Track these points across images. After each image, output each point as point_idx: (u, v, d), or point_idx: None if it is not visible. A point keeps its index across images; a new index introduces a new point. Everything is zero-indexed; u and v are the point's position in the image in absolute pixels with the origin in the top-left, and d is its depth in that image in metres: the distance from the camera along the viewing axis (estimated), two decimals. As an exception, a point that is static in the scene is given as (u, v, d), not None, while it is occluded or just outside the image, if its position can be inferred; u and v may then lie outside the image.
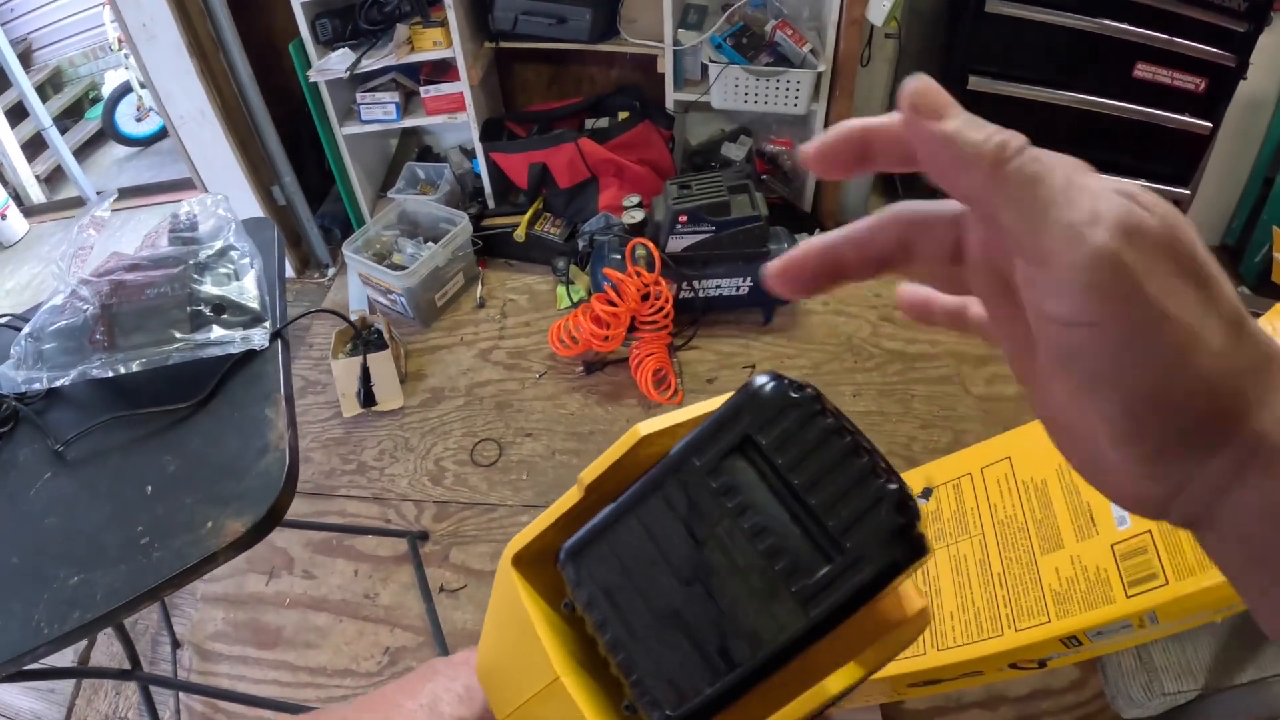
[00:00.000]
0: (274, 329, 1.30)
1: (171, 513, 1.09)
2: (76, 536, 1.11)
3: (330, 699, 1.99)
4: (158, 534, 1.07)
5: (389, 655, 2.07)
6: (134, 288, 1.27)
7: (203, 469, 1.14)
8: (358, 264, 2.85)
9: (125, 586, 1.02)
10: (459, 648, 2.01)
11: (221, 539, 1.02)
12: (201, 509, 1.08)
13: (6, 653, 1.01)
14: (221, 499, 1.08)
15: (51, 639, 1.01)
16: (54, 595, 1.05)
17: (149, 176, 4.58)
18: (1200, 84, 2.49)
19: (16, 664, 1.02)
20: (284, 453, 1.10)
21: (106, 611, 1.01)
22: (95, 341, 1.25)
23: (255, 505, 1.05)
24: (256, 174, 3.00)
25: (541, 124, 3.14)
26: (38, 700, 2.12)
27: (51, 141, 4.37)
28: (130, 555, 1.06)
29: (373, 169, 3.36)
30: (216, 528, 1.04)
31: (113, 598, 1.02)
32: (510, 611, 0.58)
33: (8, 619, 1.04)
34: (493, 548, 2.25)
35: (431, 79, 2.97)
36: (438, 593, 2.16)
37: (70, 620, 1.01)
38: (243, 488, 1.08)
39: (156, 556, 1.04)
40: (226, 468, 1.12)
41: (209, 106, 2.78)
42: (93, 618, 1.01)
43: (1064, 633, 1.17)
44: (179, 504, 1.09)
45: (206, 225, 1.39)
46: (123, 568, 1.04)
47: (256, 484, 1.08)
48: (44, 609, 1.03)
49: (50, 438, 1.25)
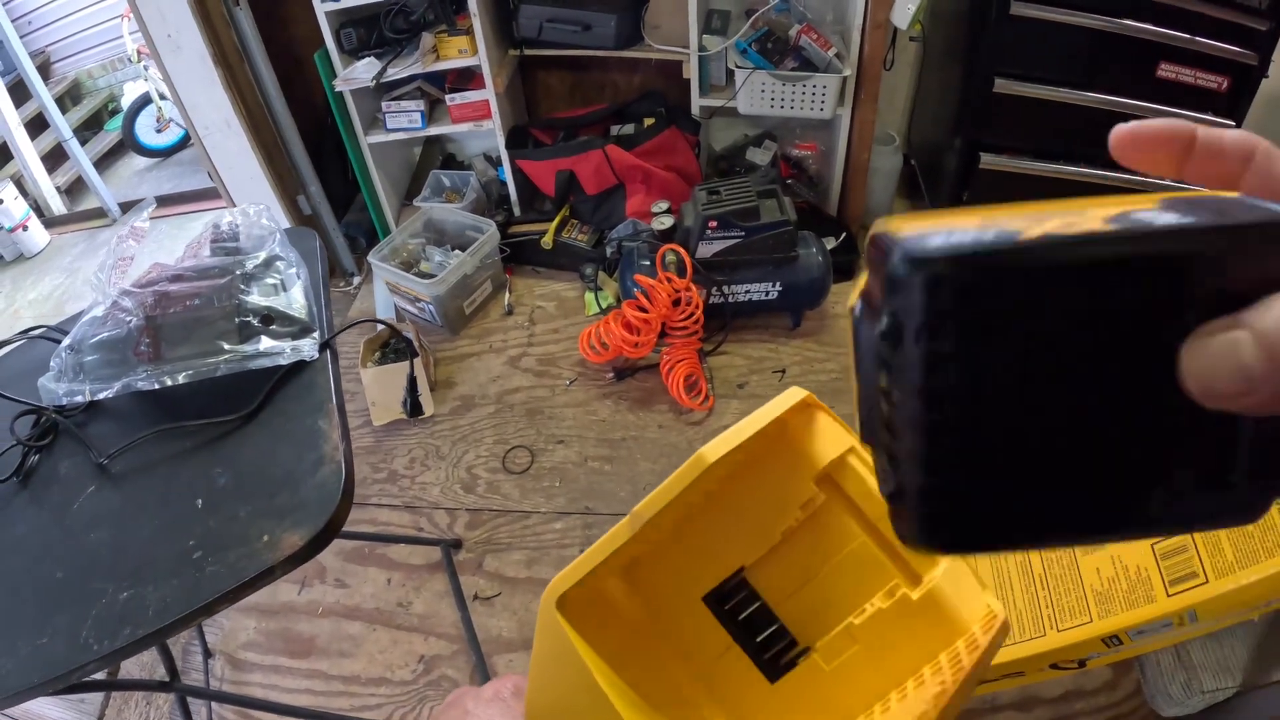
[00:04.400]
0: (322, 339, 1.29)
1: (224, 526, 1.07)
2: (124, 551, 1.10)
3: (364, 707, 1.98)
4: (210, 547, 1.05)
5: (424, 664, 2.05)
6: (179, 299, 1.26)
7: (255, 481, 1.12)
8: (385, 272, 2.84)
9: (179, 601, 1.01)
10: (494, 656, 2.03)
11: (279, 552, 1.00)
12: (256, 522, 1.06)
13: (54, 669, 1.00)
14: (276, 512, 1.06)
15: (101, 655, 1.00)
16: (103, 610, 1.03)
17: (170, 187, 4.59)
18: (1223, 83, 2.48)
19: (64, 680, 1.01)
20: (340, 464, 1.08)
21: (160, 627, 0.99)
22: (140, 353, 1.24)
23: (313, 518, 1.03)
24: (282, 183, 3.00)
25: (567, 131, 3.13)
26: (67, 710, 2.11)
27: (72, 153, 4.39)
28: (182, 569, 1.04)
29: (397, 177, 3.36)
30: (273, 541, 1.02)
31: (166, 613, 1.00)
32: (562, 659, 0.56)
33: (53, 635, 1.03)
34: (526, 555, 2.24)
35: (457, 87, 2.97)
36: (472, 600, 2.15)
37: (121, 636, 1.00)
38: (298, 500, 1.06)
39: (210, 570, 1.02)
40: (280, 480, 1.10)
41: (234, 117, 2.77)
42: (145, 633, 0.99)
43: (1106, 632, 1.17)
44: (232, 517, 1.08)
45: (249, 235, 1.37)
46: (175, 582, 1.03)
47: (313, 496, 1.06)
48: (93, 624, 1.02)
49: (93, 451, 1.23)
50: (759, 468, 0.63)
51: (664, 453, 2.46)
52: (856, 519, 0.62)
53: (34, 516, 1.19)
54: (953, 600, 0.60)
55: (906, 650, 0.61)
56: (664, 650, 0.65)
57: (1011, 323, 0.25)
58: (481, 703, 0.69)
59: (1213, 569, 1.09)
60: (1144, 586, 1.16)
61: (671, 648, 0.65)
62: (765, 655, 0.64)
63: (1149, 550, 1.18)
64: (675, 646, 0.65)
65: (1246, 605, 1.07)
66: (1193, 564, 1.11)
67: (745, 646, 0.64)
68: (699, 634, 0.65)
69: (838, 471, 0.62)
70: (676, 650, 0.65)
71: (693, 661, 0.65)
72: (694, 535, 0.61)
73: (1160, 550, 1.17)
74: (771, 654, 0.65)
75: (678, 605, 0.65)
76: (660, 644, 0.65)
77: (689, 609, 0.65)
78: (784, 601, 0.65)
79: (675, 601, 0.65)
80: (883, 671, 0.61)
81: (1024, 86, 2.61)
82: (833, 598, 0.63)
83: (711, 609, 0.65)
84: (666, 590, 0.65)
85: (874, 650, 0.61)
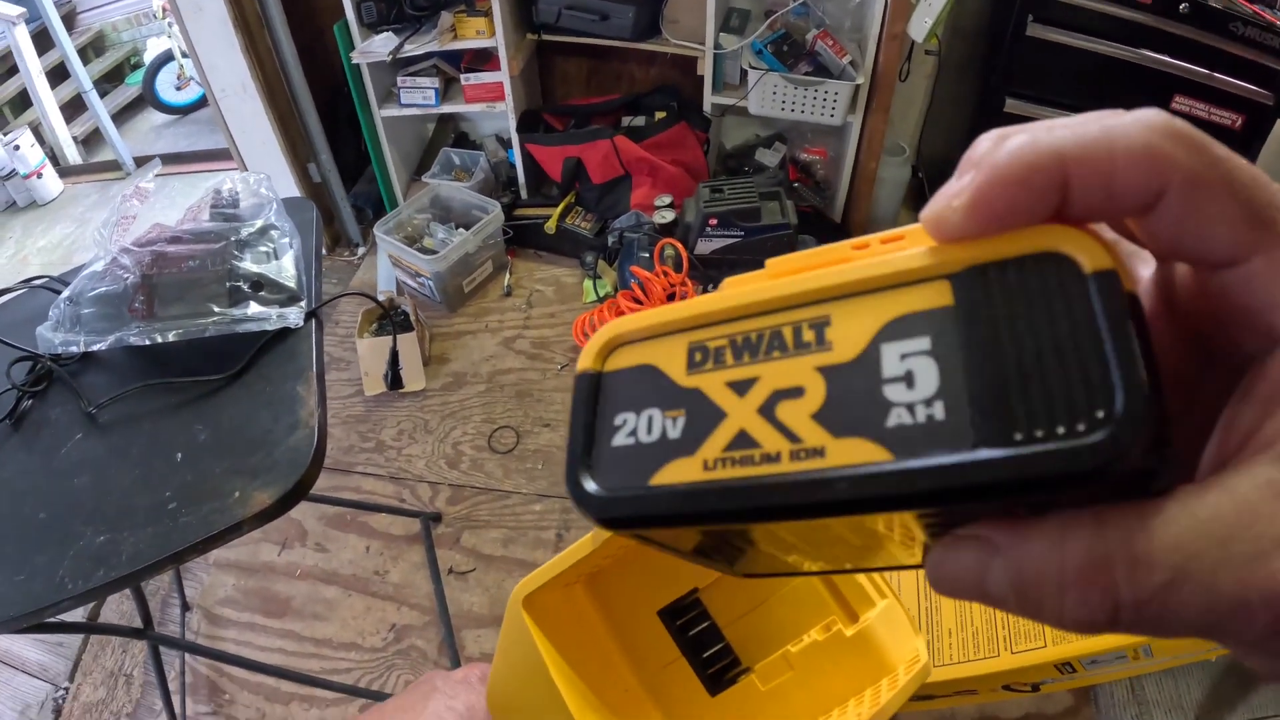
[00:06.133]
0: (309, 308, 1.33)
1: (200, 480, 1.12)
2: (105, 497, 1.15)
3: (334, 670, 2.02)
4: (185, 500, 1.10)
5: (394, 632, 2.09)
6: (175, 260, 1.30)
7: (233, 440, 1.16)
8: (389, 245, 2.88)
9: (151, 548, 1.05)
10: (463, 630, 2.07)
11: (247, 509, 1.05)
12: (230, 479, 1.11)
13: (30, 604, 1.04)
14: (250, 470, 1.11)
15: (75, 594, 1.04)
16: (80, 552, 1.08)
17: (185, 145, 4.62)
18: (1237, 120, 2.48)
19: (39, 616, 1.05)
20: (313, 430, 1.12)
21: (131, 572, 1.04)
22: (134, 310, 1.28)
23: (283, 478, 1.08)
24: (294, 150, 3.03)
25: (579, 118, 3.16)
26: (45, 653, 2.16)
27: (91, 104, 4.41)
28: (158, 519, 1.08)
29: (408, 152, 3.39)
30: (243, 498, 1.07)
31: (137, 559, 1.05)
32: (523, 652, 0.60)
33: (32, 573, 1.07)
34: (504, 534, 2.27)
35: (472, 67, 2.99)
36: (447, 574, 2.19)
37: (95, 578, 1.04)
38: (271, 461, 1.11)
39: (183, 521, 1.06)
40: (256, 440, 1.15)
41: (251, 81, 2.80)
42: (117, 576, 1.04)
43: (1059, 658, 1.18)
44: (208, 472, 1.12)
45: (248, 203, 1.41)
46: (149, 530, 1.07)
47: (285, 458, 1.11)
48: (69, 565, 1.06)
49: (84, 400, 1.28)
50: None
51: (648, 444, 2.47)
52: None
53: (23, 459, 1.23)
54: (884, 640, 0.67)
55: (836, 681, 0.67)
56: (616, 655, 0.70)
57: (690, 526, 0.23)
58: (451, 682, 0.74)
59: (1170, 606, 1.09)
60: (1100, 617, 1.17)
61: (624, 654, 0.70)
62: (709, 670, 0.70)
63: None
64: (628, 653, 0.70)
65: (1202, 646, 1.08)
66: (1150, 599, 1.12)
67: (691, 660, 0.70)
68: (651, 644, 0.70)
69: None
70: (628, 656, 0.70)
71: (642, 668, 0.70)
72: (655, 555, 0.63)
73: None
74: (715, 670, 0.70)
75: (634, 616, 0.70)
76: (614, 649, 0.70)
77: (644, 620, 0.70)
78: (731, 623, 0.70)
79: (632, 612, 0.70)
80: (813, 698, 0.67)
81: (1036, 109, 2.62)
82: (775, 625, 0.69)
83: (665, 623, 0.70)
84: (625, 601, 0.70)
85: (807, 677, 0.67)
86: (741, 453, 0.21)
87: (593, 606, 0.70)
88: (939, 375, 0.20)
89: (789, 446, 0.21)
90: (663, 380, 0.23)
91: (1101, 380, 0.18)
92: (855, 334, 0.21)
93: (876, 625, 0.67)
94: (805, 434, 0.21)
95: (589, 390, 0.25)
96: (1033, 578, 0.20)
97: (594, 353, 0.25)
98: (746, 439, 0.21)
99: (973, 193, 0.21)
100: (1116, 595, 0.19)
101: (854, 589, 0.69)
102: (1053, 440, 0.18)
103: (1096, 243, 0.20)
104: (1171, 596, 0.19)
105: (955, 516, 0.21)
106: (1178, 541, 0.19)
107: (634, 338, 0.25)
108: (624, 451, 0.23)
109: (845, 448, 0.20)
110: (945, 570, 0.22)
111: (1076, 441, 0.18)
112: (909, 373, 0.20)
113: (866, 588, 0.69)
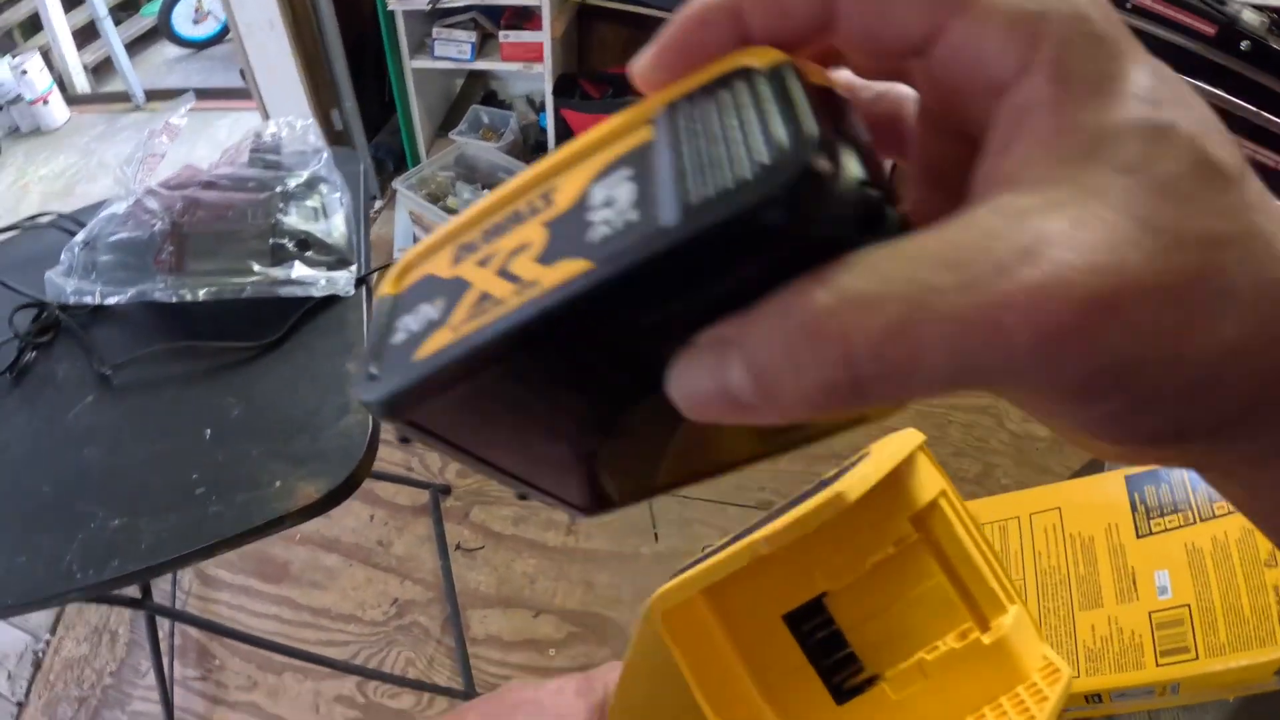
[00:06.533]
0: (360, 274, 1.20)
1: (233, 463, 0.98)
2: (120, 473, 1.02)
3: (331, 642, 1.94)
4: (216, 484, 0.96)
5: (396, 607, 2.00)
6: (210, 208, 1.16)
7: (272, 419, 1.03)
8: (410, 201, 2.75)
9: (175, 539, 0.92)
10: (468, 609, 1.97)
11: (291, 501, 0.92)
12: (269, 464, 0.97)
13: (32, 592, 0.93)
14: (293, 457, 0.97)
15: (84, 585, 0.92)
16: (91, 537, 0.95)
17: (198, 81, 4.47)
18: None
19: (42, 605, 0.94)
20: (367, 415, 0.99)
21: (153, 565, 0.92)
22: (161, 261, 1.15)
23: (332, 470, 0.94)
24: (318, 94, 2.89)
25: (616, 87, 3.04)
26: (28, 604, 2.07)
27: (104, 32, 4.26)
28: (183, 504, 0.95)
29: (434, 106, 3.25)
30: (286, 489, 0.94)
31: (159, 549, 0.92)
32: (661, 671, 0.59)
33: (34, 555, 0.95)
34: (515, 512, 2.16)
35: (512, 24, 2.86)
36: (454, 550, 2.09)
37: (109, 568, 0.92)
38: (317, 448, 0.97)
39: (214, 510, 0.93)
40: (300, 422, 1.01)
41: (279, 19, 2.66)
42: (136, 569, 0.92)
43: (1091, 690, 1.13)
44: (242, 454, 0.99)
45: (291, 150, 1.28)
46: (172, 517, 0.94)
47: (333, 445, 0.97)
48: (79, 551, 0.94)
49: (96, 358, 1.15)
50: (862, 501, 0.61)
51: (677, 438, 2.38)
52: (937, 559, 0.64)
53: (25, 420, 1.11)
54: (1017, 648, 0.64)
55: (969, 690, 0.65)
56: (736, 663, 0.67)
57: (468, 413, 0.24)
58: (547, 692, 0.69)
59: (1205, 647, 1.04)
60: (1135, 652, 1.11)
61: (743, 662, 0.67)
62: (835, 678, 0.67)
63: (1146, 617, 1.14)
64: (746, 661, 0.67)
65: (1227, 686, 1.05)
66: (1186, 639, 1.07)
67: (818, 667, 0.66)
68: (773, 651, 0.67)
69: (929, 512, 0.64)
70: (748, 664, 0.67)
71: (763, 677, 0.67)
72: (787, 558, 0.62)
73: (1157, 620, 1.12)
74: (841, 677, 0.67)
75: (757, 621, 0.66)
76: (733, 657, 0.67)
77: (768, 626, 0.66)
78: (856, 628, 0.66)
79: (755, 617, 0.66)
80: (946, 708, 0.65)
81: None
82: (903, 631, 0.66)
83: (790, 628, 0.67)
84: (748, 605, 0.67)
85: (941, 686, 0.65)
86: (480, 308, 0.22)
87: (709, 609, 0.66)
88: (635, 190, 0.20)
89: (513, 288, 0.21)
90: (435, 281, 0.25)
91: (769, 139, 0.18)
92: (573, 188, 0.22)
93: (1011, 633, 0.63)
94: (526, 274, 0.21)
95: (383, 312, 0.25)
96: (766, 357, 0.18)
97: (391, 278, 0.26)
98: (486, 297, 0.22)
99: (659, 40, 0.22)
100: (848, 345, 0.17)
101: (985, 592, 0.65)
102: (726, 200, 0.18)
103: (773, 50, 0.21)
104: (911, 334, 0.17)
105: (679, 321, 0.20)
106: (910, 274, 0.17)
107: (422, 257, 0.26)
108: (398, 347, 0.23)
109: (555, 272, 0.20)
110: (686, 382, 0.20)
111: (751, 193, 0.17)
112: (610, 198, 0.21)
113: (998, 592, 0.65)
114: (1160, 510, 1.07)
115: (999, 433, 2.35)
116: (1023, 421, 2.37)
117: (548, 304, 0.19)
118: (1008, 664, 0.63)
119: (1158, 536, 1.06)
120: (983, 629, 0.63)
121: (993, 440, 2.33)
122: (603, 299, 0.19)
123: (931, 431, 2.42)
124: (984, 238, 0.17)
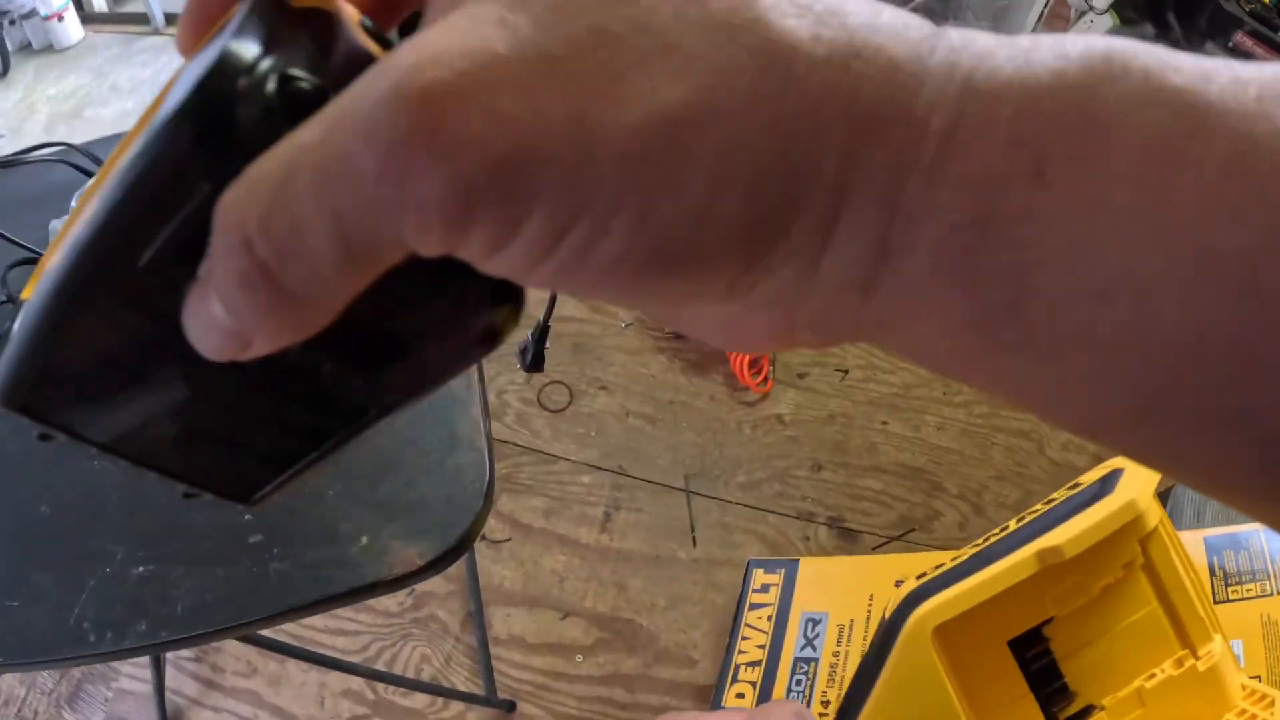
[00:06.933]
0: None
1: (303, 507, 0.72)
2: (146, 502, 0.76)
3: (342, 632, 1.79)
4: (277, 534, 0.71)
5: (413, 598, 1.83)
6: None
7: (354, 451, 0.78)
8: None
9: (223, 603, 0.68)
10: (490, 606, 1.79)
11: (384, 565, 0.67)
12: (351, 512, 0.71)
13: (31, 648, 0.70)
14: (382, 504, 0.71)
15: (99, 652, 0.69)
16: (106, 585, 0.71)
17: (223, 8, 4.23)
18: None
19: (44, 666, 0.71)
20: (482, 453, 0.72)
21: (191, 635, 0.68)
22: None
23: (439, 527, 0.68)
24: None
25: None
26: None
27: (126, -52, 4.05)
28: (233, 555, 0.71)
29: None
30: (375, 547, 0.68)
31: (202, 615, 0.68)
32: (925, 691, 0.62)
33: (31, 599, 0.72)
34: (546, 503, 2.00)
35: None
36: (479, 540, 1.88)
37: (132, 633, 0.68)
38: (417, 495, 0.71)
39: (277, 570, 0.68)
40: (390, 456, 0.74)
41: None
42: (170, 639, 0.68)
43: None
44: (316, 496, 0.73)
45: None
46: (220, 572, 0.70)
47: (438, 493, 0.71)
48: (91, 602, 0.70)
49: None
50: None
51: (711, 427, 2.19)
52: (1153, 585, 0.66)
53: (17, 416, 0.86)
54: (1226, 676, 0.67)
55: (1184, 717, 0.67)
56: (955, 691, 0.68)
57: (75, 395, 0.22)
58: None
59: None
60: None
61: (963, 690, 0.67)
62: (1052, 709, 0.68)
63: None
64: (966, 688, 0.67)
65: None
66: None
67: (1038, 696, 0.68)
68: (994, 678, 0.67)
69: (1151, 537, 0.65)
70: (967, 692, 0.67)
71: (981, 705, 0.67)
72: (1026, 583, 0.63)
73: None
74: (1058, 708, 0.69)
75: (982, 646, 0.67)
76: (953, 684, 0.68)
77: (992, 651, 0.68)
78: (1069, 657, 0.69)
79: (980, 642, 0.67)
80: None
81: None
82: (1117, 659, 0.68)
83: (1014, 655, 0.68)
84: (974, 629, 0.67)
85: (1158, 714, 0.66)
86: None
87: (932, 636, 0.68)
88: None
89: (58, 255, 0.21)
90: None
91: (202, 66, 0.18)
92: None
93: (1220, 660, 0.66)
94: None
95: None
96: (221, 278, 0.17)
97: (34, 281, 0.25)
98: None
99: (182, 14, 0.21)
100: (244, 230, 0.16)
101: (1194, 619, 0.67)
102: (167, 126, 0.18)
103: None
104: (286, 197, 0.16)
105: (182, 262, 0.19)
106: (293, 139, 0.16)
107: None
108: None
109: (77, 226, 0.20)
110: (190, 326, 0.18)
111: (174, 116, 0.17)
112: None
113: (1205, 619, 0.67)
114: (1239, 578, 1.02)
115: (1039, 459, 2.25)
116: (1062, 450, 2.30)
117: (66, 260, 0.19)
118: (1218, 691, 0.67)
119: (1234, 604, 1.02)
120: (1194, 656, 0.68)
121: (1033, 466, 2.24)
122: (99, 246, 0.19)
123: (974, 453, 2.24)
124: (363, 80, 0.16)
